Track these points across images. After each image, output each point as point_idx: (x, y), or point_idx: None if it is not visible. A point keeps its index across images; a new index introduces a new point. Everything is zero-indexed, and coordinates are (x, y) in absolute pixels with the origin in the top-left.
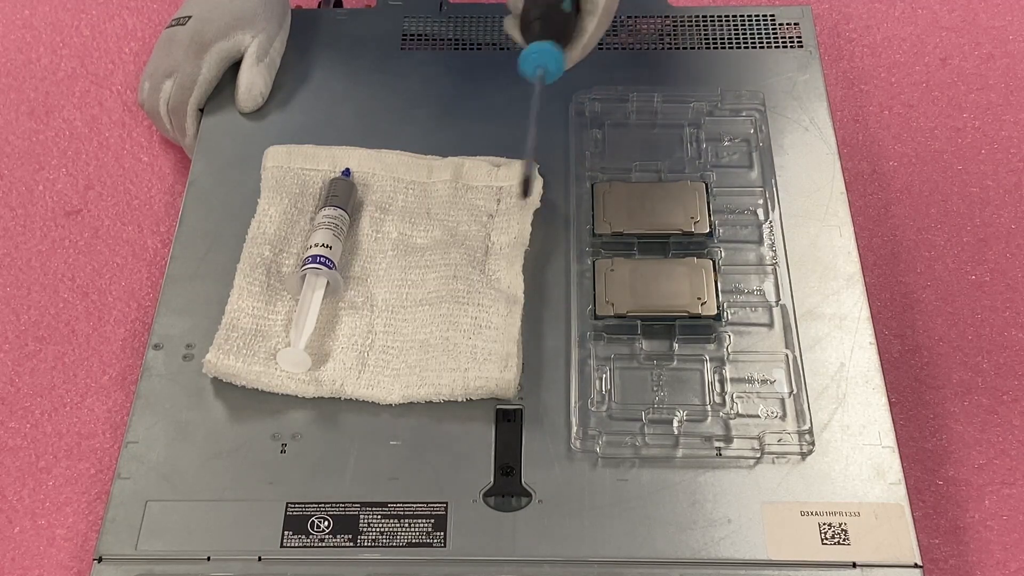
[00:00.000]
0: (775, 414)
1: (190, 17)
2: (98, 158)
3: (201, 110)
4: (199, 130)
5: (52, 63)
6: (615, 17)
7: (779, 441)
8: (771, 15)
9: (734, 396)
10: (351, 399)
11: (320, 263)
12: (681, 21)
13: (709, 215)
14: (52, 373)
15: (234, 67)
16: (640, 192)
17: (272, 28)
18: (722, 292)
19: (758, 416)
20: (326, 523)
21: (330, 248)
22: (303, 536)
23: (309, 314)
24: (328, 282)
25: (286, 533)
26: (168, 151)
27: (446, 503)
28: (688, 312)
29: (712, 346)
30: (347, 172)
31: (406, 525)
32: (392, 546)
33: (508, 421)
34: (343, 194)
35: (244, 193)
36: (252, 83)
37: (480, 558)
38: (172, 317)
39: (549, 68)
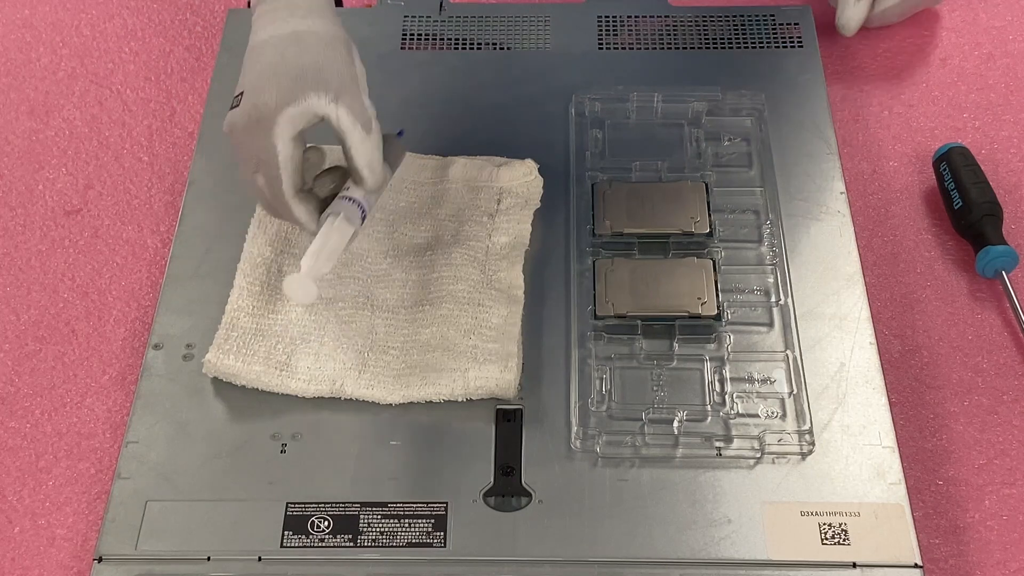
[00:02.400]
0: (775, 414)
1: (242, 93)
2: (98, 158)
3: (310, 190)
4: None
5: (52, 63)
6: (615, 17)
7: (779, 441)
8: (771, 15)
9: (734, 396)
10: (351, 399)
11: (352, 202)
12: (681, 21)
13: (709, 215)
14: (52, 373)
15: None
16: (640, 192)
17: (347, 78)
18: (722, 292)
19: (758, 416)
20: (326, 523)
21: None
22: (303, 536)
23: (327, 244)
24: (355, 230)
25: (286, 533)
26: (168, 151)
27: (446, 503)
28: (688, 312)
29: (712, 346)
30: (401, 133)
31: (406, 525)
32: (392, 546)
33: (508, 421)
34: (391, 155)
35: (244, 193)
36: (371, 160)
37: (480, 558)
38: (172, 317)
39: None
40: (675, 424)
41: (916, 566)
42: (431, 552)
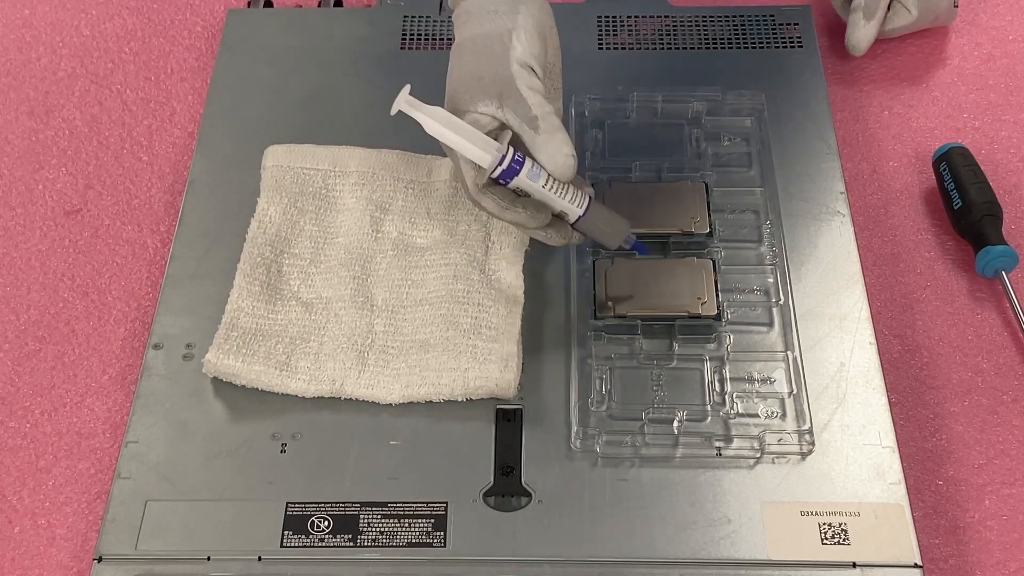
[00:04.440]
0: (775, 414)
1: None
2: (98, 158)
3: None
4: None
5: (52, 63)
6: (615, 17)
7: (779, 441)
8: (771, 15)
9: (734, 396)
10: (351, 399)
11: (514, 157)
12: (681, 21)
13: (709, 215)
14: (52, 373)
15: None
16: (640, 192)
17: (505, 80)
18: (722, 292)
19: (758, 416)
20: (326, 523)
21: None
22: (303, 536)
23: (456, 131)
24: (490, 159)
25: (286, 533)
26: (168, 151)
27: (446, 503)
28: (688, 312)
29: (712, 346)
30: (642, 248)
31: (406, 525)
32: (392, 546)
33: (508, 421)
34: (603, 224)
35: (244, 193)
36: (551, 155)
37: (480, 558)
38: (172, 317)
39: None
40: (675, 424)
41: (916, 566)
42: (431, 552)
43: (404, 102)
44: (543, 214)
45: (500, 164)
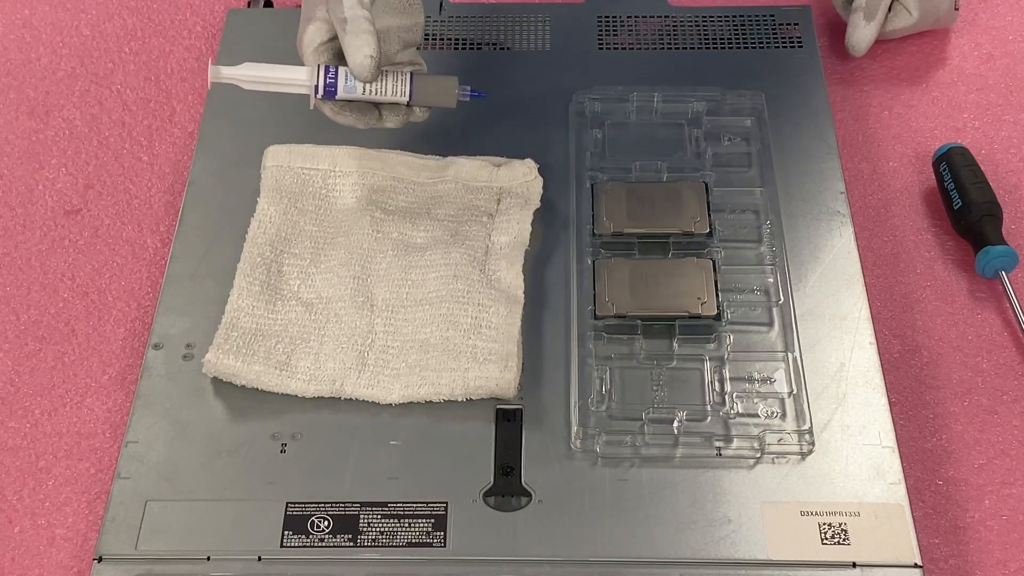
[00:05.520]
0: (775, 414)
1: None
2: (98, 158)
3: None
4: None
5: (52, 63)
6: (615, 17)
7: (779, 441)
8: (771, 15)
9: (734, 396)
10: (351, 399)
11: (329, 70)
12: (681, 21)
13: (709, 215)
14: (52, 373)
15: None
16: (640, 192)
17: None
18: (722, 292)
19: (758, 416)
20: (326, 523)
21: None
22: (303, 536)
23: (272, 72)
24: (304, 90)
25: (286, 533)
26: (168, 151)
27: (446, 503)
28: (688, 312)
29: (712, 346)
30: (482, 94)
31: (406, 525)
32: (392, 546)
33: (508, 421)
34: (434, 91)
35: (244, 193)
36: (352, 57)
37: (480, 558)
38: (172, 317)
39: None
40: (675, 424)
41: (916, 566)
42: (431, 552)
43: (213, 76)
44: (369, 115)
45: (317, 85)
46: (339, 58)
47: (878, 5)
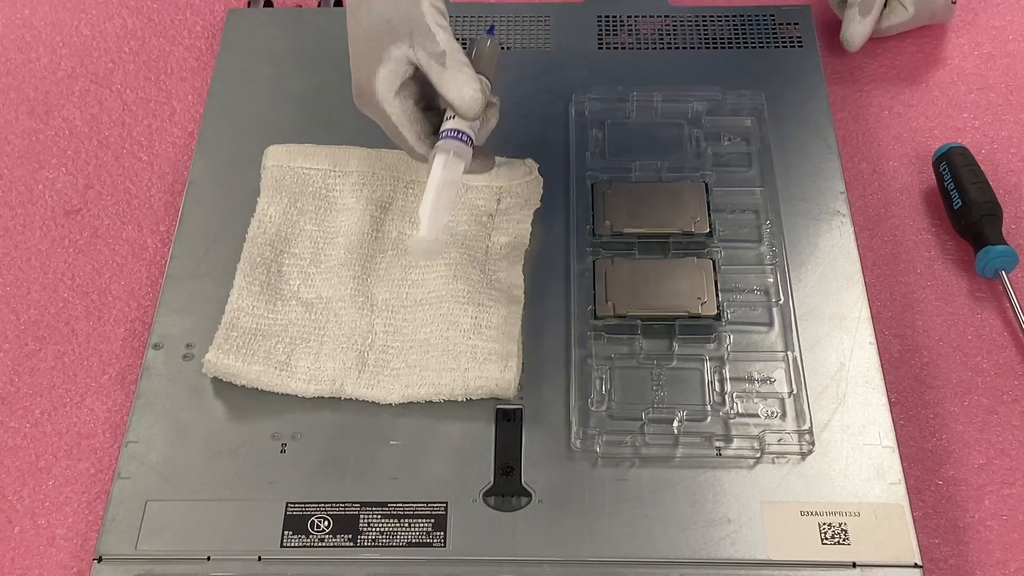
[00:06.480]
0: (775, 414)
1: None
2: (98, 157)
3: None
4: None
5: (52, 63)
6: (615, 17)
7: (779, 441)
8: (771, 15)
9: (734, 396)
10: (351, 399)
11: (453, 138)
12: (681, 21)
13: (709, 215)
14: (52, 373)
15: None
16: (640, 192)
17: (415, 17)
18: (722, 292)
19: (758, 416)
20: (326, 523)
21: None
22: (303, 536)
23: (440, 188)
24: (464, 162)
25: (286, 533)
26: (168, 151)
27: (446, 503)
28: (688, 312)
29: (712, 346)
30: (492, 30)
31: (406, 525)
32: (392, 546)
33: (508, 421)
34: (487, 58)
35: (244, 193)
36: (460, 91)
37: (480, 558)
38: (172, 317)
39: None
40: (675, 424)
41: (916, 566)
42: (431, 552)
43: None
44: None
45: (470, 143)
46: (417, 99)
47: (873, 1)
